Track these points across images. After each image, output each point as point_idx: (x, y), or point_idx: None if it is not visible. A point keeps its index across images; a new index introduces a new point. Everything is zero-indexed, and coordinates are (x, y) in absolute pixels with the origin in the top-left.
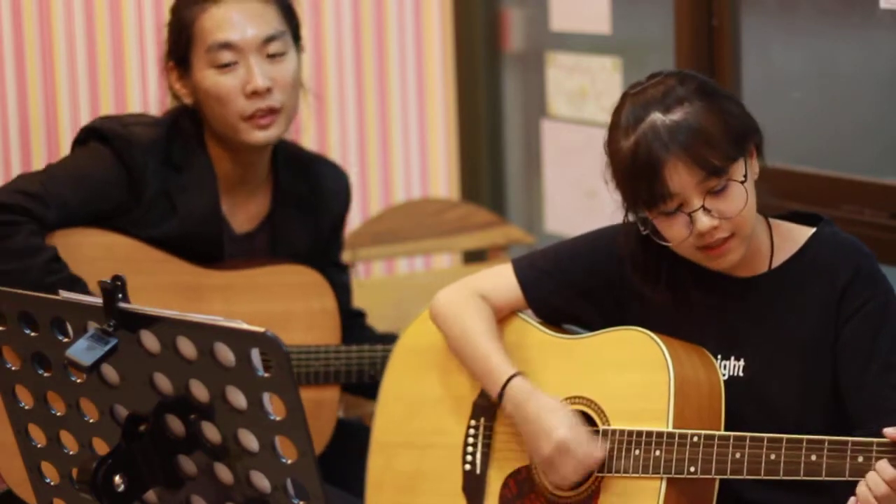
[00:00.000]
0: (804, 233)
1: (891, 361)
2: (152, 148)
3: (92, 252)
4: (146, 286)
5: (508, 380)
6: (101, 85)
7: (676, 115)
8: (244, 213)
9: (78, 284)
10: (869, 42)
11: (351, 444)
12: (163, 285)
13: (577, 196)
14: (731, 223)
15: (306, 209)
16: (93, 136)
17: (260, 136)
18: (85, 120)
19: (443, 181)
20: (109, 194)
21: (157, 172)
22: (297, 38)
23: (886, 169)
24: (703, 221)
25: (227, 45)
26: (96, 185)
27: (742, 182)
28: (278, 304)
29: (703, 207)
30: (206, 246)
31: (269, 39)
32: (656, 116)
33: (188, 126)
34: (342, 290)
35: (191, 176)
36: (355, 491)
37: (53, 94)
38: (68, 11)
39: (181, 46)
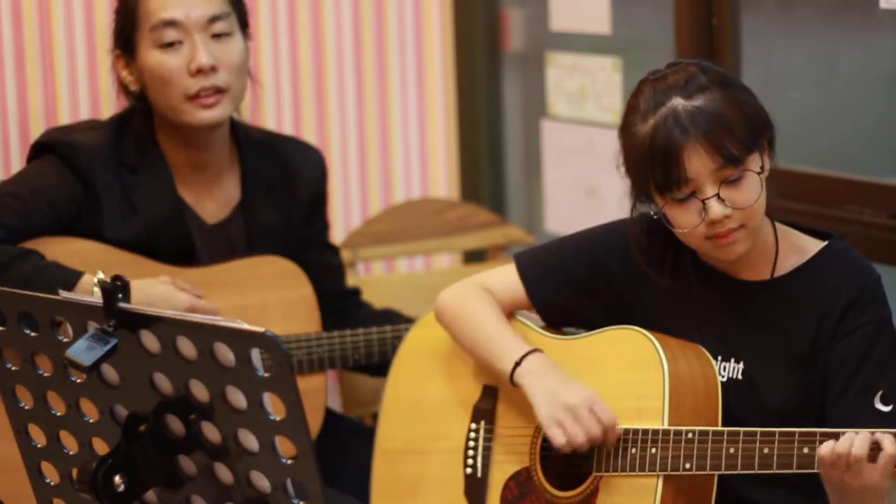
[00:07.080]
0: (814, 245)
1: (869, 385)
2: (99, 151)
3: (62, 260)
4: None
5: (528, 353)
6: (101, 85)
7: (698, 102)
8: (213, 202)
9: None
10: (869, 42)
11: (351, 444)
12: None
13: (577, 196)
14: (742, 214)
15: (277, 190)
16: (40, 149)
17: (204, 115)
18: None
19: (443, 181)
20: (64, 202)
21: (108, 175)
22: (243, 23)
23: (887, 169)
24: (716, 210)
25: (171, 24)
26: (47, 195)
27: (759, 173)
28: (253, 296)
29: (717, 196)
30: (175, 241)
31: (214, 19)
32: (678, 101)
33: (138, 124)
34: (334, 272)
35: (145, 174)
36: (355, 491)
37: (53, 94)
38: (68, 11)
39: (126, 29)
